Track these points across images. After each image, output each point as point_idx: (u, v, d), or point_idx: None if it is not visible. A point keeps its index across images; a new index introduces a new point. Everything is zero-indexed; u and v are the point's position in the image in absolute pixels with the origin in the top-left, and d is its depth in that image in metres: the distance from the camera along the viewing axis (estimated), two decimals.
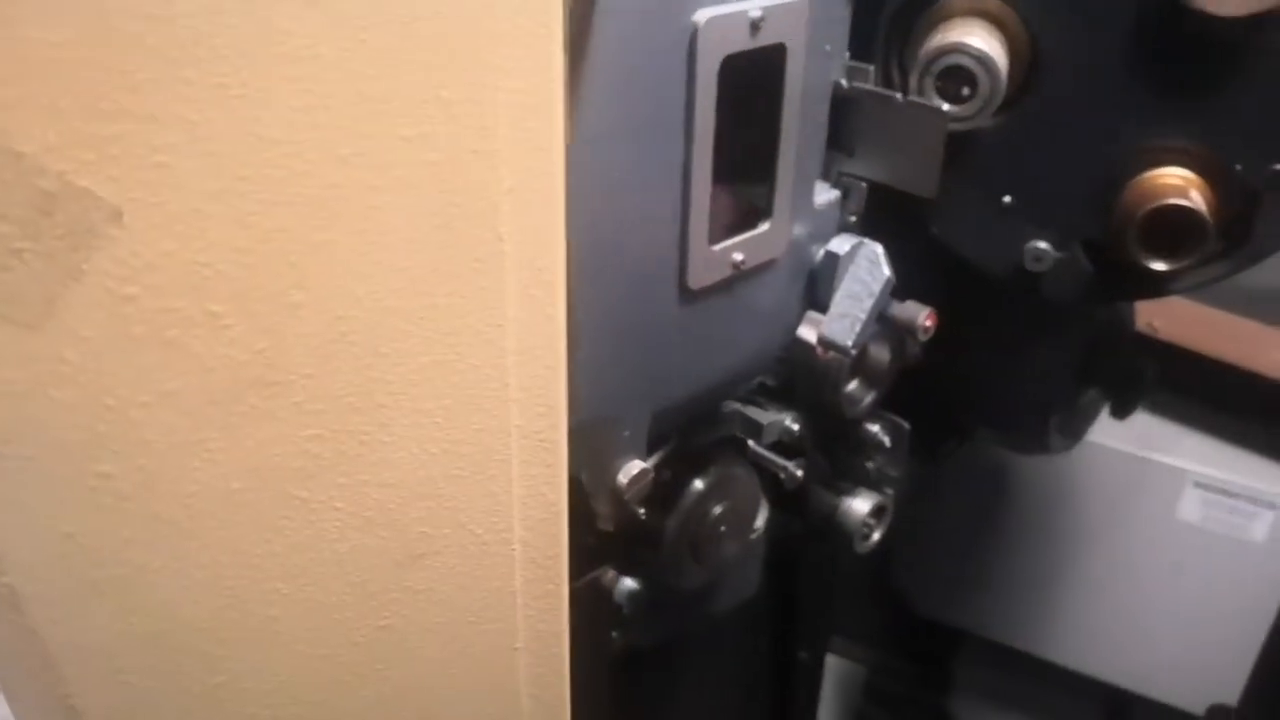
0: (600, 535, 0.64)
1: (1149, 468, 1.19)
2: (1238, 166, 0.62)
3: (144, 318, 0.24)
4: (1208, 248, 0.62)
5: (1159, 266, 0.64)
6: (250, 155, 0.24)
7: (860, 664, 1.65)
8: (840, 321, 0.55)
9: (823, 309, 0.56)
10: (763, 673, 1.08)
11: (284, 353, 0.27)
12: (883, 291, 0.56)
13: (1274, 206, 0.63)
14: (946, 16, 0.62)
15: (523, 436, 0.32)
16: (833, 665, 1.65)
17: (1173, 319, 1.15)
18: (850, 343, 0.55)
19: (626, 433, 0.49)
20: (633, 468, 0.50)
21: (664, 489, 0.63)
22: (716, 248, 0.49)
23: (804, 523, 0.83)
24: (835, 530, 0.84)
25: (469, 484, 0.32)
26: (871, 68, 0.55)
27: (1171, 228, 0.62)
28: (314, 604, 0.30)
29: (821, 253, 0.56)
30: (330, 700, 0.32)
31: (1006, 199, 0.68)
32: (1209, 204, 0.62)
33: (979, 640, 1.42)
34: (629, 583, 0.73)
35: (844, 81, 0.54)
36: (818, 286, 0.57)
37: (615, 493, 0.50)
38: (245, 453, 0.27)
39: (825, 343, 0.56)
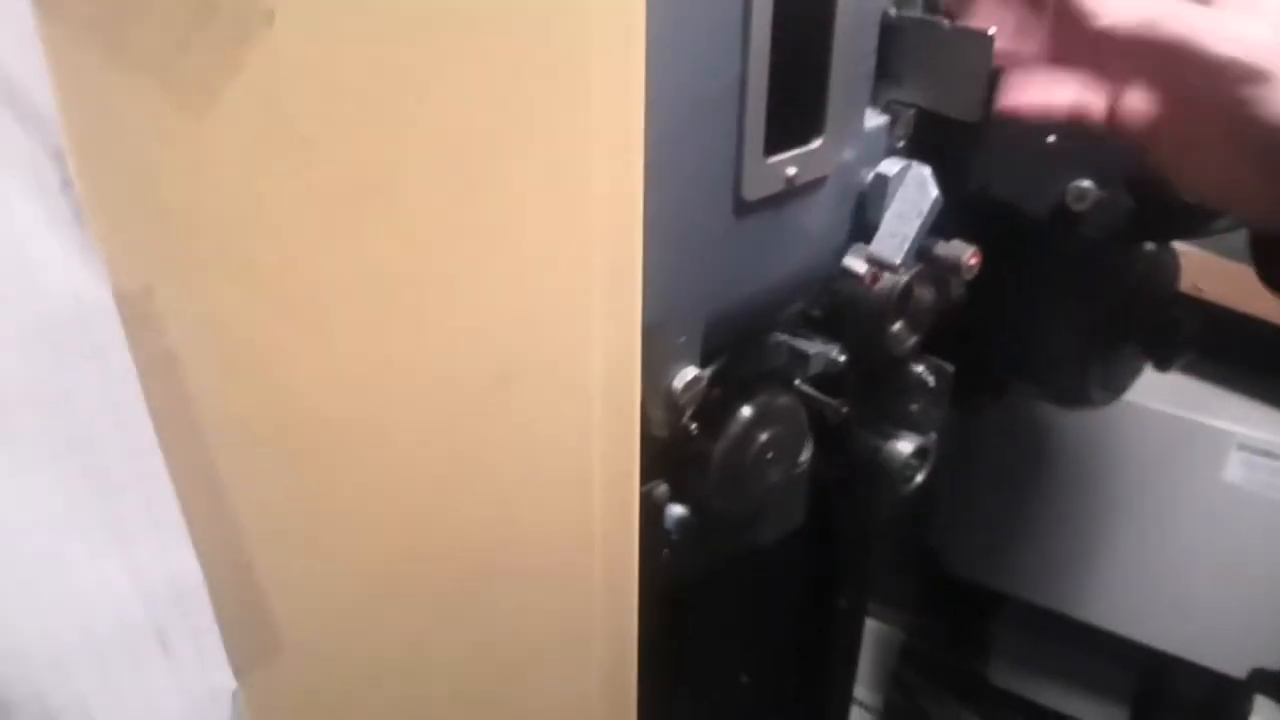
0: (652, 454, 0.67)
1: (1193, 429, 1.19)
2: None
3: (287, 115, 0.27)
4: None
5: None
6: None
7: (895, 627, 1.67)
8: (890, 240, 0.57)
9: (873, 230, 0.58)
10: (804, 621, 1.10)
11: (400, 164, 0.30)
12: (930, 210, 0.58)
13: None
14: None
15: (604, 276, 0.35)
16: (869, 629, 1.67)
17: (1218, 280, 1.15)
18: (899, 259, 0.58)
19: (682, 339, 0.52)
20: (688, 373, 0.53)
21: (713, 413, 0.66)
22: (770, 160, 0.51)
23: (847, 462, 0.86)
24: (878, 471, 0.86)
25: (553, 314, 0.35)
26: None
27: None
28: (419, 408, 0.33)
29: (871, 175, 0.59)
30: (424, 504, 0.35)
31: (1050, 138, 0.70)
32: None
33: (1015, 602, 1.43)
34: (678, 509, 0.75)
35: (892, 10, 0.56)
36: (867, 208, 0.59)
37: (670, 397, 0.53)
38: (366, 252, 0.30)
39: (874, 260, 0.58)
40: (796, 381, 0.74)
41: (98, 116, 0.24)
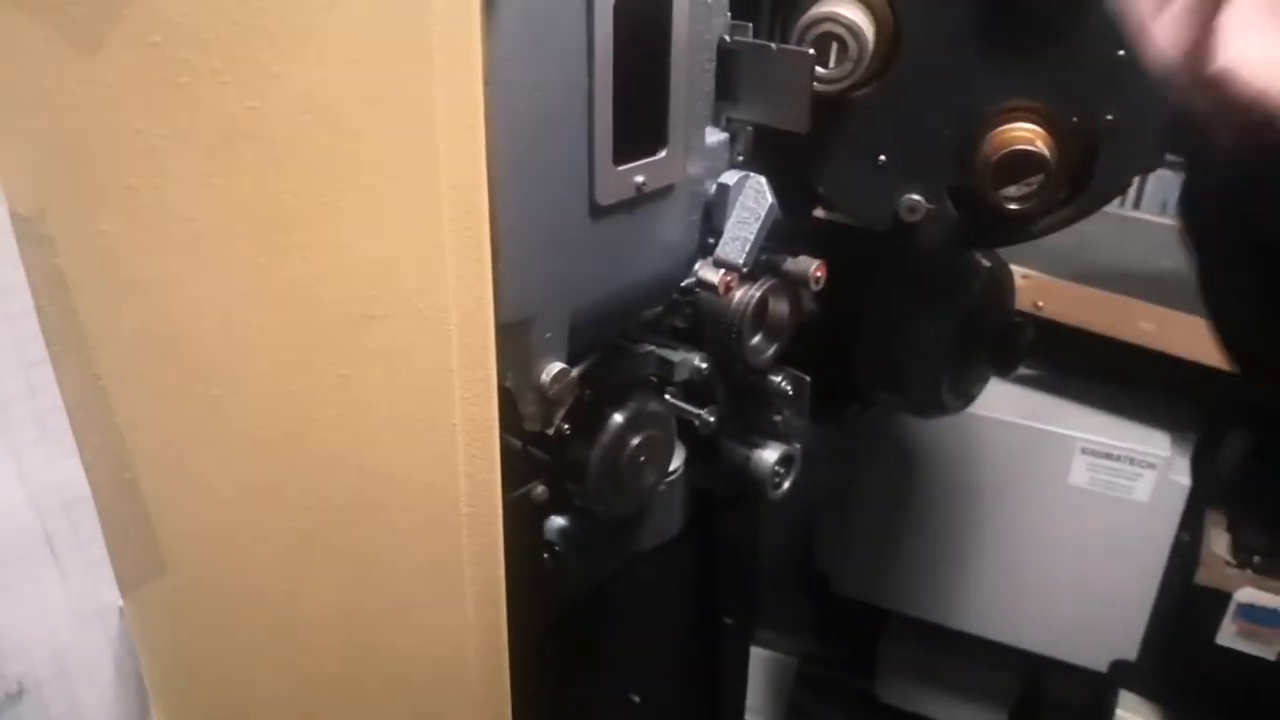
0: (528, 462, 0.70)
1: (1040, 437, 1.29)
2: (1074, 119, 0.72)
3: (164, 62, 0.30)
4: (1052, 188, 0.72)
5: (1013, 206, 0.73)
6: None
7: (791, 655, 1.71)
8: (733, 243, 0.63)
9: (718, 235, 0.64)
10: (692, 641, 1.13)
11: (267, 113, 0.33)
12: (768, 215, 0.63)
13: (1108, 155, 0.73)
14: None
15: (454, 229, 0.38)
16: (765, 659, 1.71)
17: (1054, 298, 1.25)
18: (742, 260, 0.63)
19: (548, 334, 0.56)
20: (554, 367, 0.56)
21: (587, 417, 0.69)
22: (620, 169, 0.56)
23: (720, 471, 0.90)
24: (748, 479, 0.91)
25: (410, 261, 0.38)
26: (750, 24, 0.64)
27: (1021, 170, 0.71)
28: (288, 338, 0.36)
29: (714, 186, 0.64)
30: (298, 432, 0.38)
31: (881, 158, 0.77)
32: (1053, 153, 0.72)
33: (899, 617, 1.49)
34: (559, 520, 0.79)
35: (727, 37, 0.62)
36: (713, 215, 0.65)
37: (540, 390, 0.57)
38: (239, 193, 0.33)
39: (720, 262, 0.64)
40: (666, 394, 0.79)
41: (2, 54, 0.27)
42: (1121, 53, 0.69)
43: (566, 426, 0.66)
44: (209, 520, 0.36)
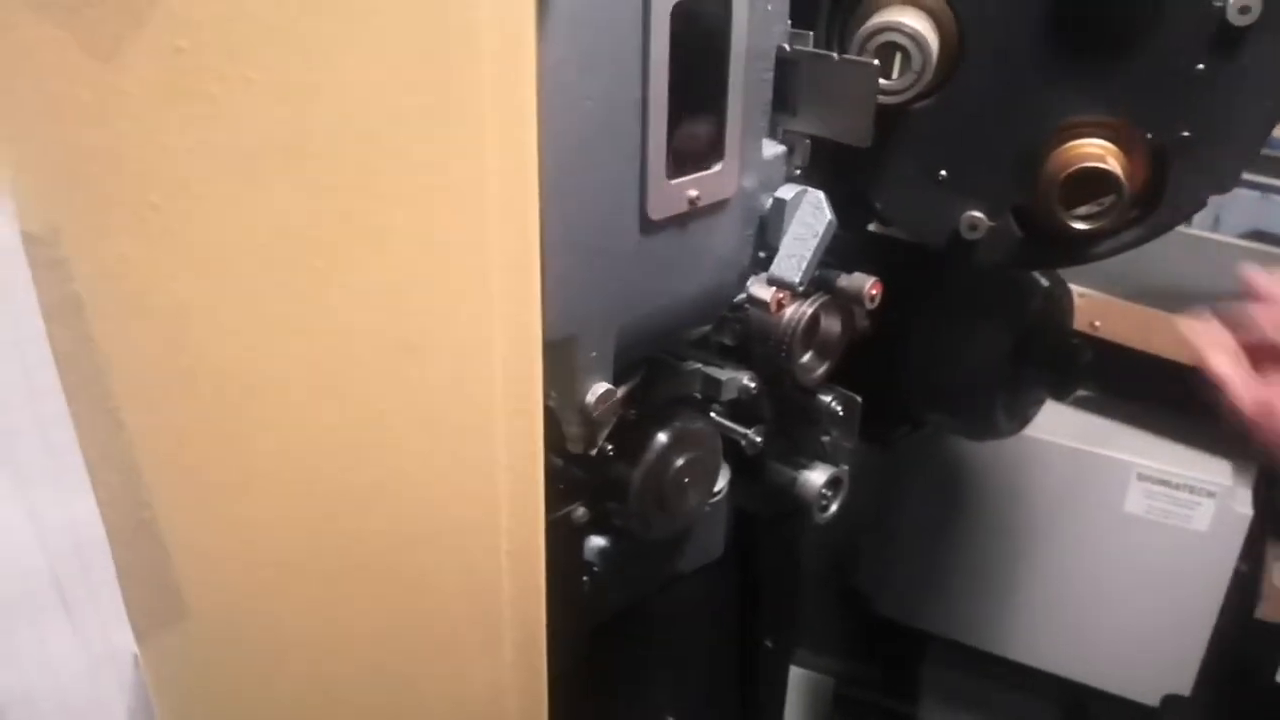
0: (569, 481, 0.68)
1: (1095, 462, 1.24)
2: (1148, 135, 0.69)
3: (191, 71, 0.28)
4: (1123, 207, 0.69)
5: (1081, 226, 0.70)
6: None
7: (828, 675, 1.68)
8: (788, 260, 0.60)
9: (774, 251, 0.61)
10: (730, 662, 1.11)
11: (303, 128, 0.31)
12: (826, 232, 0.61)
13: (1183, 170, 0.70)
14: (881, 4, 0.69)
15: (502, 254, 0.36)
16: (802, 678, 1.68)
17: (1112, 318, 1.21)
18: (798, 278, 0.61)
19: (594, 353, 0.54)
20: (599, 387, 0.54)
21: (631, 437, 0.67)
22: (674, 182, 0.54)
23: (765, 493, 0.88)
24: (795, 501, 0.88)
25: (454, 289, 0.36)
26: (811, 33, 0.62)
27: (1089, 189, 0.68)
28: (323, 370, 0.34)
29: (770, 200, 0.62)
30: (331, 468, 0.36)
31: (942, 173, 0.74)
32: (1124, 170, 0.68)
33: (941, 641, 1.45)
34: (599, 540, 0.76)
35: (787, 46, 0.60)
36: (767, 230, 0.62)
37: (585, 411, 0.54)
38: (271, 212, 0.31)
39: (775, 281, 0.61)
40: (712, 413, 0.77)
41: (9, 57, 0.26)
42: (1201, 66, 0.66)
43: (610, 446, 0.63)
44: (233, 563, 0.34)
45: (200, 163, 0.29)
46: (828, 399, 0.85)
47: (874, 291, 0.75)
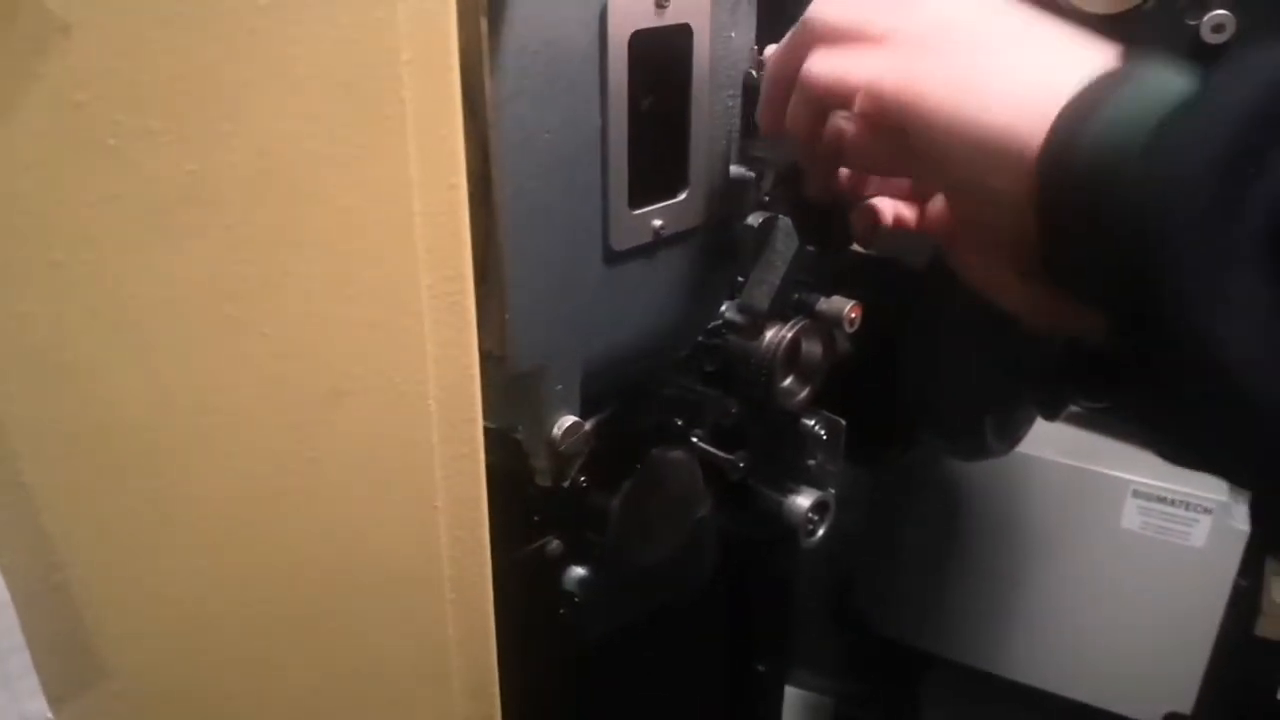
0: (544, 512, 0.67)
1: (1091, 479, 1.23)
2: None
3: (90, 124, 0.28)
4: None
5: None
6: None
7: (827, 695, 1.66)
8: (758, 288, 0.60)
9: (743, 278, 0.61)
10: (724, 687, 1.10)
11: (214, 176, 0.31)
12: (796, 257, 0.60)
13: None
14: None
15: (432, 295, 0.36)
16: (801, 699, 1.66)
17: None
18: (766, 306, 0.60)
19: (559, 386, 0.53)
20: (566, 420, 0.54)
21: (607, 467, 0.67)
22: (636, 212, 0.53)
23: (751, 518, 0.87)
24: (781, 526, 0.87)
25: (384, 332, 0.36)
26: None
27: None
28: (246, 422, 0.34)
29: (739, 227, 0.61)
30: (260, 521, 0.35)
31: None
32: None
33: (941, 661, 1.44)
34: (579, 570, 0.75)
35: (754, 72, 0.59)
36: (736, 258, 0.62)
37: (551, 445, 0.54)
38: (182, 263, 0.31)
39: (743, 308, 0.61)
40: (695, 438, 0.76)
41: None
42: None
43: (584, 477, 0.63)
44: (155, 622, 0.33)
45: (103, 216, 0.29)
46: (811, 423, 0.84)
47: (854, 315, 0.74)
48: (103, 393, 0.30)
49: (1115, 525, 1.23)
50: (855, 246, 0.90)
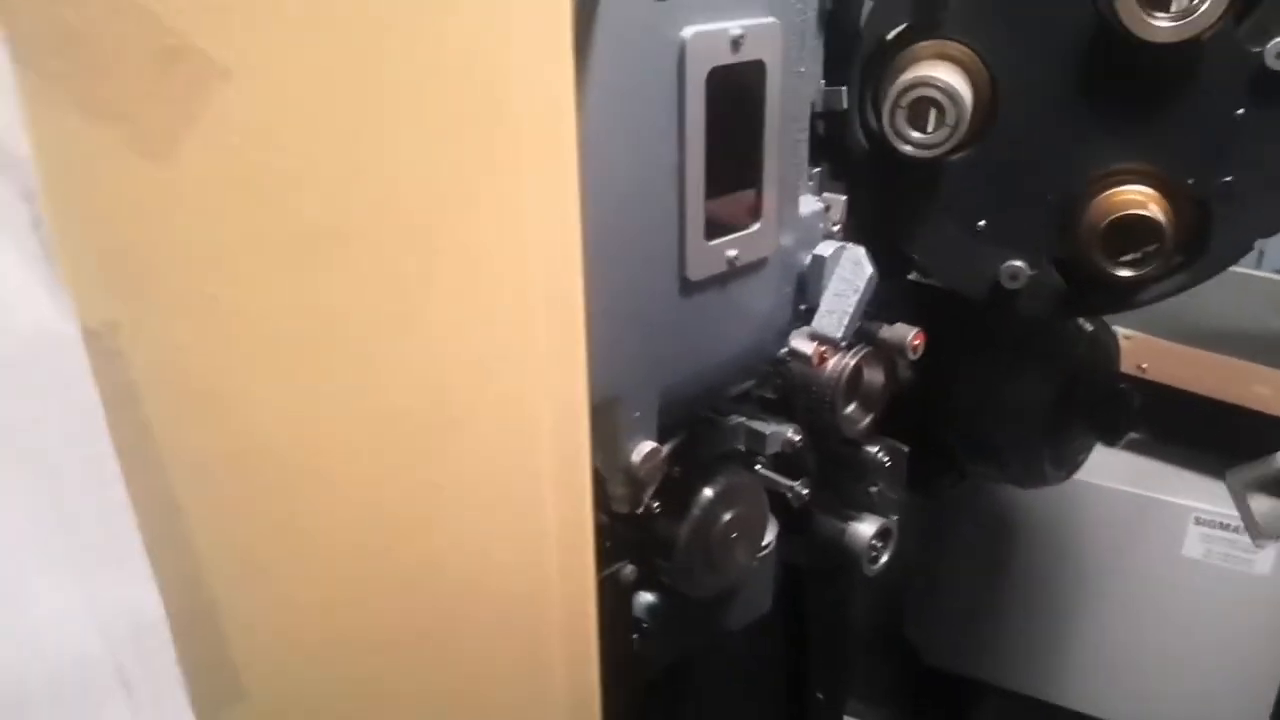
0: (616, 539, 0.68)
1: (1151, 506, 1.22)
2: (1189, 181, 0.68)
3: (241, 164, 0.30)
4: (1166, 254, 0.68)
5: (1123, 274, 0.69)
6: (336, 45, 0.31)
7: None
8: (829, 316, 0.60)
9: (813, 308, 0.61)
10: (780, 716, 1.09)
11: (348, 209, 0.32)
12: (867, 287, 0.61)
13: (1225, 218, 0.69)
14: (914, 60, 0.70)
15: (548, 330, 0.37)
16: None
17: (1160, 360, 1.19)
18: (839, 334, 0.61)
19: (636, 414, 0.54)
20: (644, 446, 0.55)
21: (676, 494, 0.67)
22: (712, 243, 0.55)
23: (813, 546, 0.87)
24: (844, 554, 0.87)
25: (497, 366, 0.37)
26: (843, 88, 0.62)
27: (1132, 236, 0.68)
28: (371, 449, 0.35)
29: (809, 257, 0.62)
30: (382, 546, 0.36)
31: (980, 224, 0.74)
32: (1167, 217, 0.68)
33: (994, 690, 1.42)
34: (648, 596, 0.76)
35: (819, 106, 0.61)
36: (807, 287, 0.63)
37: (630, 471, 0.55)
38: (318, 295, 0.32)
39: (816, 337, 0.61)
40: (758, 466, 0.76)
41: (67, 160, 0.27)
42: (1240, 112, 0.65)
43: (656, 504, 0.63)
44: (290, 644, 0.35)
45: (247, 251, 0.30)
46: (874, 450, 0.84)
47: (916, 342, 0.75)
48: (244, 420, 0.31)
49: (1176, 553, 1.21)
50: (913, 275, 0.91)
